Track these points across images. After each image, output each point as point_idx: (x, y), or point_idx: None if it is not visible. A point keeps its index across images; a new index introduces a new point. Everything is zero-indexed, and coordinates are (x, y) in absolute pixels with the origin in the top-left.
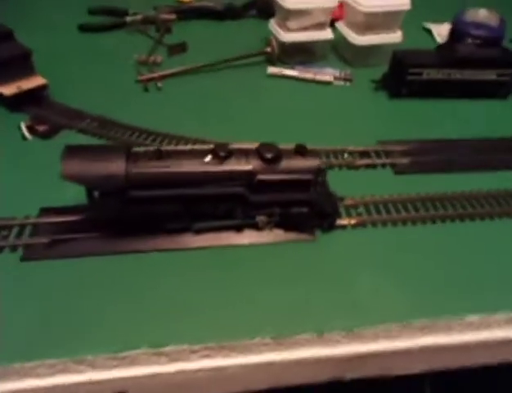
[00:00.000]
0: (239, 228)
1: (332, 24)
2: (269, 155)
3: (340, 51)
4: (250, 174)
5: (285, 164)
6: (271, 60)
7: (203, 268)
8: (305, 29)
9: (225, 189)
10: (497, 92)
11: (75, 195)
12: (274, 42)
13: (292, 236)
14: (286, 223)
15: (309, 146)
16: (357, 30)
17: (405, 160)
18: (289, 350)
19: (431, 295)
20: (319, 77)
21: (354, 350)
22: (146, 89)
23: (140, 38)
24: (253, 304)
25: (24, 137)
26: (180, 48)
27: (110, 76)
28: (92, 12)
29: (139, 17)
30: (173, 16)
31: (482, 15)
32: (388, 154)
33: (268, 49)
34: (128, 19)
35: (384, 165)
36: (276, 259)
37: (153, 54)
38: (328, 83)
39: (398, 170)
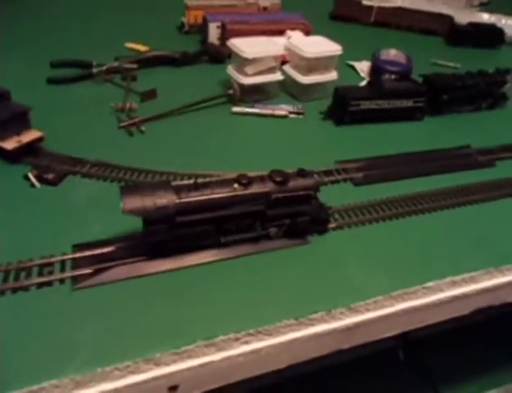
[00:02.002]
0: (257, 239)
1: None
2: (279, 179)
3: (289, 88)
4: (267, 194)
5: (292, 184)
6: (233, 101)
7: (231, 273)
8: (260, 72)
9: (249, 208)
10: (415, 115)
11: (100, 230)
12: (235, 85)
13: (291, 242)
14: (293, 231)
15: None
16: (301, 71)
17: (360, 174)
18: (308, 327)
19: (398, 272)
20: (277, 112)
21: (352, 321)
22: (131, 134)
23: (108, 87)
24: (276, 296)
25: (32, 185)
26: (151, 95)
27: (93, 124)
28: (54, 65)
29: (104, 68)
30: (135, 65)
31: (392, 53)
32: (345, 171)
33: (231, 91)
34: (95, 70)
35: (345, 180)
36: (285, 259)
37: (127, 101)
38: (284, 117)
39: (357, 183)
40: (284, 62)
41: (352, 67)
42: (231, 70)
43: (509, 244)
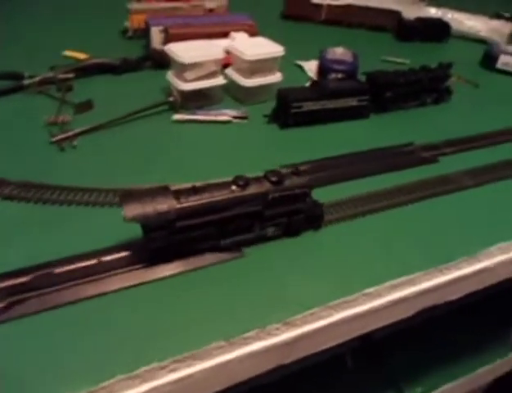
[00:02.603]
0: (256, 239)
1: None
2: (275, 179)
3: (232, 92)
4: (265, 195)
5: (288, 183)
6: (175, 108)
7: (154, 296)
8: (200, 77)
9: (247, 209)
10: (360, 113)
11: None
12: (175, 92)
13: (225, 256)
14: (290, 229)
15: (226, 177)
16: (243, 74)
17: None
18: (241, 347)
19: (337, 280)
20: (219, 118)
21: (289, 336)
22: (62, 149)
23: (42, 100)
24: (205, 316)
25: None
26: (87, 106)
27: (20, 141)
28: None
29: (37, 79)
30: (72, 75)
31: (339, 52)
32: None
33: (171, 98)
34: (26, 81)
35: None
36: (216, 275)
37: (61, 114)
38: (228, 122)
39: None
40: (227, 65)
41: (301, 67)
42: (170, 76)
43: (449, 242)
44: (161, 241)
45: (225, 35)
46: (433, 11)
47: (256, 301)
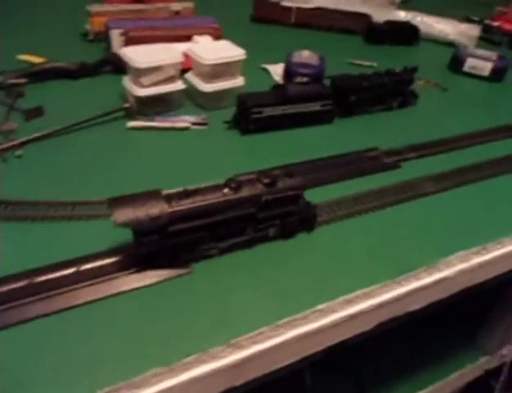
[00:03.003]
0: (251, 243)
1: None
2: (267, 181)
3: (194, 97)
4: (258, 197)
5: (281, 185)
6: (131, 115)
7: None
8: (158, 83)
9: (240, 212)
10: (324, 118)
11: None
12: (130, 98)
13: (171, 273)
14: (284, 231)
15: (181, 187)
16: (203, 79)
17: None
18: (183, 372)
19: (288, 296)
20: (177, 124)
21: (236, 358)
22: (5, 160)
23: None
24: (144, 341)
25: None
26: (36, 113)
27: None
28: None
29: None
30: (23, 80)
31: (305, 55)
32: None
33: (126, 104)
34: None
35: None
36: (159, 294)
37: (7, 121)
38: (186, 129)
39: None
40: (188, 68)
41: (267, 71)
42: (126, 81)
43: (409, 251)
44: (152, 246)
45: (188, 38)
46: (402, 15)
47: (200, 322)
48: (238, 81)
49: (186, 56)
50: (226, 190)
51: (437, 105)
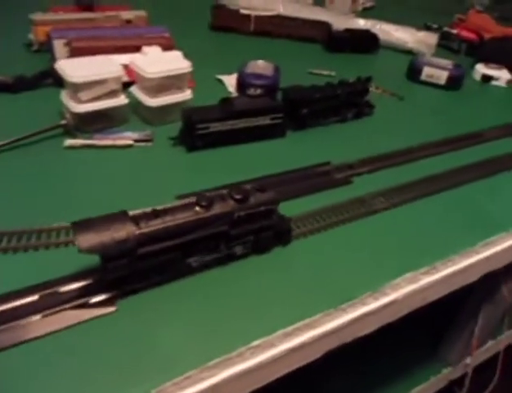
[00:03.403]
0: (223, 259)
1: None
2: (239, 196)
3: (140, 112)
4: (230, 214)
5: (253, 200)
6: (69, 132)
7: None
8: (98, 98)
9: (213, 230)
10: (276, 132)
11: None
12: (67, 114)
13: (92, 312)
14: (258, 247)
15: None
16: (148, 93)
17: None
18: None
19: (220, 334)
20: (118, 142)
21: None
22: None
23: None
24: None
25: None
26: None
27: None
28: None
29: None
30: None
31: (260, 65)
32: None
33: (63, 121)
34: None
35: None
36: (77, 336)
37: None
38: (129, 147)
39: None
40: (131, 83)
41: (222, 82)
42: (64, 96)
43: (353, 275)
44: (121, 271)
45: (137, 49)
46: (362, 23)
47: (120, 367)
48: (186, 94)
49: (130, 68)
50: (197, 208)
51: (394, 115)
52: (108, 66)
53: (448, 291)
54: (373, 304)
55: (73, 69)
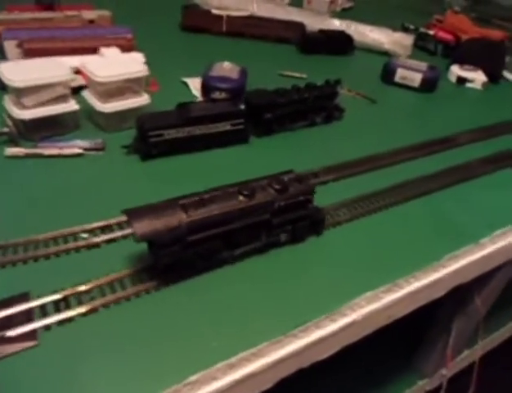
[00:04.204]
0: (265, 249)
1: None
2: (279, 187)
3: (94, 118)
4: (271, 203)
5: (292, 190)
6: (14, 140)
7: None
8: (44, 103)
9: (255, 218)
10: (238, 138)
11: None
12: (8, 122)
13: (14, 347)
14: (295, 236)
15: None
16: (100, 98)
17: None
18: None
19: (154, 371)
20: (66, 151)
21: None
22: None
23: None
24: None
25: None
26: None
27: None
28: None
29: None
30: None
31: (226, 68)
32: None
33: (5, 129)
34: None
35: (125, 237)
36: None
37: None
38: (78, 156)
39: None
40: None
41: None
42: (6, 101)
43: (307, 298)
44: (171, 257)
45: (95, 51)
46: (337, 24)
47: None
48: (143, 99)
49: (81, 72)
50: (240, 197)
51: (365, 119)
52: (55, 70)
53: (415, 307)
54: (330, 327)
55: (16, 72)
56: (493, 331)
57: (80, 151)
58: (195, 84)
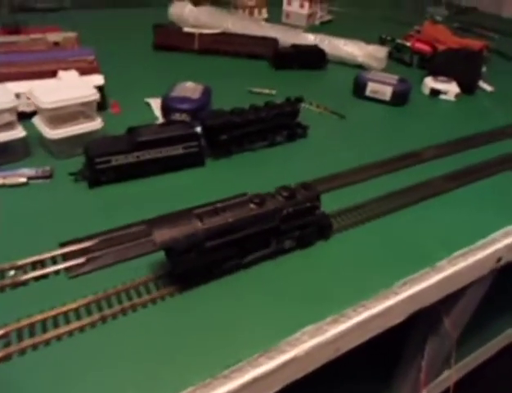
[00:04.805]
0: (274, 255)
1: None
2: (287, 194)
3: (45, 144)
4: (280, 210)
5: (299, 197)
6: None
7: None
8: None
9: (265, 225)
10: (192, 162)
11: None
12: None
13: None
14: (303, 241)
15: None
16: (49, 124)
17: (82, 260)
18: None
19: None
20: (10, 180)
21: None
22: None
23: None
24: None
25: None
26: None
27: None
28: None
29: None
30: None
31: (188, 87)
32: (66, 257)
33: None
34: None
35: (57, 272)
36: None
37: None
38: (24, 185)
39: (72, 275)
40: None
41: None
42: None
43: (242, 334)
44: (189, 264)
45: (55, 74)
46: (311, 38)
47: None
48: (95, 124)
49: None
50: (251, 205)
51: (332, 135)
52: (0, 96)
53: (369, 336)
54: (266, 366)
55: None
56: (468, 354)
57: (24, 179)
58: (157, 105)
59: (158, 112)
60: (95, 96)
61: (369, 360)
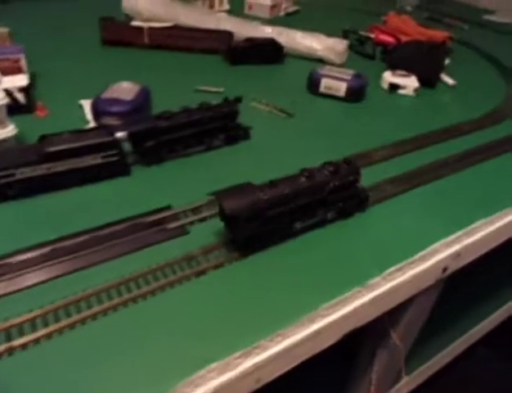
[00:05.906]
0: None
1: None
2: (332, 169)
3: None
4: (327, 183)
5: (342, 172)
6: None
7: None
8: None
9: (314, 196)
10: (116, 170)
11: None
12: None
13: None
14: (344, 212)
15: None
16: None
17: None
18: None
19: None
20: None
21: None
22: None
23: None
24: None
25: None
26: None
27: None
28: None
29: None
30: None
31: (123, 88)
32: None
33: None
34: None
35: None
36: None
37: None
38: None
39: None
40: None
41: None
42: None
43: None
44: (251, 231)
45: None
46: (268, 30)
47: None
48: (6, 131)
49: None
50: (302, 179)
51: (279, 135)
52: None
53: (296, 362)
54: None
55: None
56: (420, 364)
57: None
58: (90, 108)
59: (89, 115)
60: (2, 100)
61: (325, 369)
